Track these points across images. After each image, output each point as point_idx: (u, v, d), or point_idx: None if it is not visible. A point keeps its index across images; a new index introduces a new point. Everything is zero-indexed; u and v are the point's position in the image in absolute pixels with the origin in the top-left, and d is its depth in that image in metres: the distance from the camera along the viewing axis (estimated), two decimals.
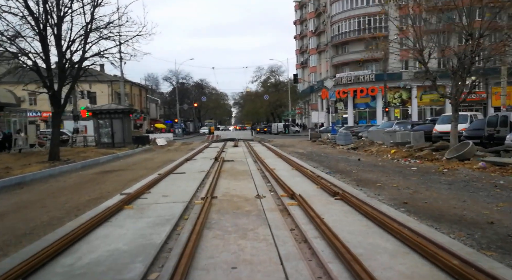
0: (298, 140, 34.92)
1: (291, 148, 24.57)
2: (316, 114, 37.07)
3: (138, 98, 56.59)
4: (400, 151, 16.65)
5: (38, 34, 14.95)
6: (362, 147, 21.03)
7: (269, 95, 61.35)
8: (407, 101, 49.64)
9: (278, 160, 15.09)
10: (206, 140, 37.31)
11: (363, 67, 52.02)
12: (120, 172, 13.71)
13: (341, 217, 5.63)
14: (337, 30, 53.43)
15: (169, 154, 22.77)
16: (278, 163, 13.63)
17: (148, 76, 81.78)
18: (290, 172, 11.17)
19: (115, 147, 24.56)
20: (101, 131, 24.77)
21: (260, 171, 11.38)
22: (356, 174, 11.64)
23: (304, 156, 18.32)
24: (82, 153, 21.05)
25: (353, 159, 16.37)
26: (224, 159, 15.50)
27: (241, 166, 12.97)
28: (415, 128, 21.28)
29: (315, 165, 14.06)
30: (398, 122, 26.58)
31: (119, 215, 6.07)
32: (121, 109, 24.68)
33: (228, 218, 5.63)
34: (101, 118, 24.61)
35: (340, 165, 14.20)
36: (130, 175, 12.73)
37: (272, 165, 12.34)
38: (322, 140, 30.63)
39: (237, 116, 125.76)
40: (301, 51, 71.02)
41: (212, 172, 11.27)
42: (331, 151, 21.33)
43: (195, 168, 12.63)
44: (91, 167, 15.96)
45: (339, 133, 25.28)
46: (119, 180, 11.45)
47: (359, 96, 49.64)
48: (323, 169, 12.84)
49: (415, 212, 6.49)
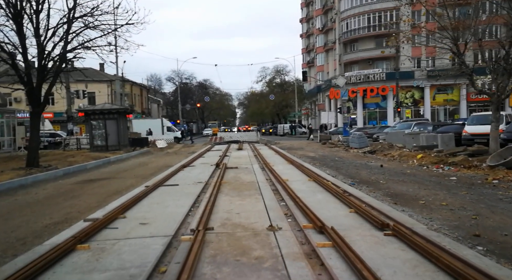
0: (307, 142, 32.82)
1: (300, 151, 22.50)
2: (326, 115, 34.90)
3: (139, 98, 54.71)
4: (428, 156, 14.52)
5: (13, 21, 12.99)
6: (381, 151, 18.91)
7: (274, 95, 59.26)
8: (420, 101, 47.38)
9: (289, 167, 13.01)
10: (208, 142, 35.29)
11: (373, 65, 49.88)
12: (104, 182, 11.70)
13: (409, 273, 3.54)
14: (346, 27, 51.22)
15: (167, 158, 20.77)
16: (290, 171, 11.56)
17: (151, 76, 79.87)
18: (307, 184, 9.10)
19: (109, 151, 22.59)
20: (94, 133, 22.81)
21: (270, 183, 9.32)
22: (386, 186, 9.56)
23: (317, 161, 16.26)
24: (70, 157, 19.12)
25: (375, 165, 14.28)
26: (227, 165, 13.46)
27: (247, 175, 10.91)
28: (441, 130, 19.10)
29: (333, 174, 11.99)
30: (417, 123, 24.40)
31: (62, 265, 4.02)
32: (115, 109, 22.71)
33: (228, 275, 3.57)
34: (94, 119, 22.65)
35: (362, 173, 12.12)
36: (114, 186, 10.72)
37: (284, 174, 10.28)
38: (333, 142, 28.52)
39: (242, 117, 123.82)
40: (307, 50, 68.86)
41: (211, 183, 9.21)
42: (346, 155, 19.23)
43: (191, 178, 10.59)
44: (75, 174, 13.98)
45: (352, 134, 23.15)
46: (98, 194, 9.43)
47: (369, 95, 47.41)
48: (344, 179, 10.77)
49: (503, 255, 4.41)
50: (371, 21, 48.30)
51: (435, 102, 46.93)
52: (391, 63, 48.76)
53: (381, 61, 49.29)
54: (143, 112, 54.91)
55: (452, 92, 46.78)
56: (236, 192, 8.10)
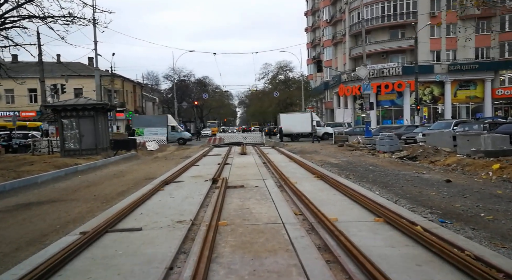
0: (319, 144, 28.63)
1: (317, 156, 18.37)
2: (341, 112, 30.66)
3: (132, 95, 50.48)
4: (510, 166, 10.38)
5: None
6: (424, 157, 14.78)
7: (278, 92, 55.06)
8: (439, 98, 43.20)
9: (319, 184, 8.87)
10: (206, 144, 31.13)
11: (387, 59, 45.68)
12: (40, 210, 7.61)
13: None
14: (357, 17, 46.99)
15: (153, 165, 16.66)
16: (328, 195, 7.42)
17: (148, 74, 75.73)
18: (375, 229, 4.95)
19: (84, 155, 18.46)
20: (66, 134, 18.64)
21: (306, 226, 5.19)
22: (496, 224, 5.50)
23: (347, 171, 12.16)
24: (28, 164, 15.00)
25: (435, 180, 10.19)
26: (228, 181, 9.32)
27: (260, 204, 6.72)
28: (501, 130, 14.96)
29: (388, 195, 7.98)
30: (461, 122, 20.27)
31: None
32: (91, 105, 18.51)
33: None
34: (65, 117, 18.48)
35: (431, 196, 8.07)
36: (47, 221, 6.65)
37: (321, 202, 6.23)
38: (352, 144, 24.36)
39: (242, 116, 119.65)
40: (313, 45, 64.62)
41: (199, 230, 5.09)
42: (379, 162, 15.08)
43: (170, 210, 6.46)
44: (15, 192, 9.92)
45: (381, 136, 19.01)
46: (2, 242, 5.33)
47: (384, 92, 43.17)
48: (415, 206, 6.73)
49: None
50: (385, 10, 44.06)
51: (456, 99, 42.76)
52: (407, 56, 44.61)
53: (396, 54, 45.11)
54: (136, 111, 50.71)
55: (475, 88, 42.61)
56: (249, 260, 3.96)
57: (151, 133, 35.70)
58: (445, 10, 42.01)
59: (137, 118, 40.86)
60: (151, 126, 36.26)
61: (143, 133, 37.21)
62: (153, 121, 37.76)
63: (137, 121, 38.78)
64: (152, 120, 38.48)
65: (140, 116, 42.68)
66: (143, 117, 41.51)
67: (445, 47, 42.76)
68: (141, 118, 40.53)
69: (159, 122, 36.63)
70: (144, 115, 44.27)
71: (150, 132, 36.04)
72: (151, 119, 39.02)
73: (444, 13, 42.29)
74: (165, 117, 38.93)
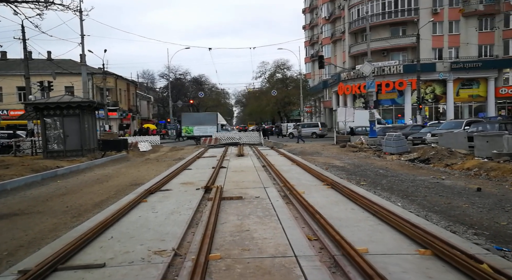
0: (320, 144, 27.34)
1: (320, 158, 17.10)
2: (343, 111, 29.27)
3: (125, 94, 48.94)
4: None
5: None
6: (438, 159, 13.52)
7: (276, 91, 53.74)
8: (441, 97, 42.03)
9: (329, 193, 7.57)
10: (202, 144, 29.78)
11: (387, 57, 44.49)
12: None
13: None
14: (357, 14, 45.82)
15: (142, 167, 15.31)
16: (343, 208, 6.12)
17: (144, 73, 74.12)
18: (423, 266, 3.63)
19: (68, 157, 17.09)
20: (49, 134, 17.23)
21: (327, 258, 3.88)
22: None
23: (357, 177, 10.89)
24: (3, 167, 13.61)
25: (461, 187, 8.94)
26: (223, 190, 8.00)
27: (264, 223, 5.29)
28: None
29: (413, 208, 6.65)
30: (473, 121, 19.04)
31: None
32: (76, 103, 17.09)
33: None
34: (48, 116, 17.07)
35: (461, 206, 6.95)
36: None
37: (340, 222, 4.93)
38: (354, 145, 23.08)
39: (239, 116, 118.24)
40: (311, 43, 63.33)
41: (186, 260, 3.79)
42: (387, 165, 13.81)
43: (148, 234, 5.08)
44: None
45: (387, 136, 17.75)
46: None
47: (384, 91, 41.92)
48: (453, 225, 5.51)
49: None
50: (386, 7, 42.84)
51: (458, 98, 41.59)
52: (408, 54, 43.42)
53: (397, 52, 43.93)
54: (129, 110, 49.21)
55: (478, 86, 41.47)
56: None
57: (200, 131, 34.40)
58: (448, 7, 40.98)
59: (186, 116, 39.33)
60: (201, 124, 34.95)
61: (193, 131, 35.92)
62: (203, 119, 36.36)
63: (186, 119, 37.38)
64: (202, 118, 37.01)
65: (189, 114, 41.07)
66: (193, 115, 39.88)
67: (447, 44, 41.60)
68: (190, 116, 38.99)
69: (209, 120, 35.31)
70: (194, 113, 42.46)
71: (200, 131, 34.74)
72: (201, 117, 37.54)
73: (447, 10, 41.21)
74: (215, 115, 37.53)
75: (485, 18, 40.91)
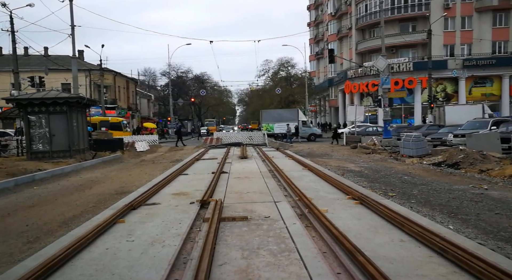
0: (328, 146, 25.70)
1: (331, 161, 15.45)
2: (353, 110, 27.56)
3: (125, 91, 47.37)
4: None
5: None
6: (470, 164, 11.87)
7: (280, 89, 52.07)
8: (453, 95, 40.28)
9: (360, 212, 5.95)
10: (202, 144, 28.17)
11: (396, 54, 42.76)
12: None
13: None
14: (365, 9, 44.10)
15: (134, 171, 13.70)
16: (388, 238, 4.51)
17: (145, 71, 72.49)
18: None
19: (54, 158, 15.52)
20: (33, 133, 15.65)
21: None
22: None
23: (380, 184, 9.27)
24: None
25: (509, 199, 7.28)
26: (224, 205, 6.39)
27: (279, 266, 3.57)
28: None
29: (473, 234, 5.03)
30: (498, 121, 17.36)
31: None
32: (63, 99, 15.50)
33: None
34: (32, 113, 15.50)
35: None
36: None
37: (391, 266, 3.38)
38: (366, 146, 21.40)
39: (242, 115, 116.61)
40: (316, 40, 61.61)
41: None
42: (409, 170, 12.16)
43: (117, 275, 3.49)
44: None
45: (405, 137, 16.09)
46: None
47: (393, 89, 40.03)
48: None
49: None
50: (395, 1, 41.11)
51: (470, 96, 39.83)
52: (418, 51, 41.68)
53: (406, 49, 42.19)
54: (129, 108, 47.64)
55: (491, 85, 39.69)
56: None
57: (281, 129, 32.84)
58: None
59: (266, 112, 37.61)
60: (281, 121, 33.33)
61: (273, 128, 34.34)
62: (283, 115, 34.67)
63: (266, 116, 35.72)
64: (282, 114, 35.28)
65: (269, 111, 39.29)
66: (273, 112, 38.08)
67: (459, 41, 39.84)
68: (271, 113, 37.26)
69: (290, 117, 33.66)
70: (274, 110, 40.59)
71: (280, 128, 33.19)
72: (281, 114, 35.82)
73: (459, 5, 39.47)
74: (296, 111, 35.78)
75: (500, 13, 39.13)
